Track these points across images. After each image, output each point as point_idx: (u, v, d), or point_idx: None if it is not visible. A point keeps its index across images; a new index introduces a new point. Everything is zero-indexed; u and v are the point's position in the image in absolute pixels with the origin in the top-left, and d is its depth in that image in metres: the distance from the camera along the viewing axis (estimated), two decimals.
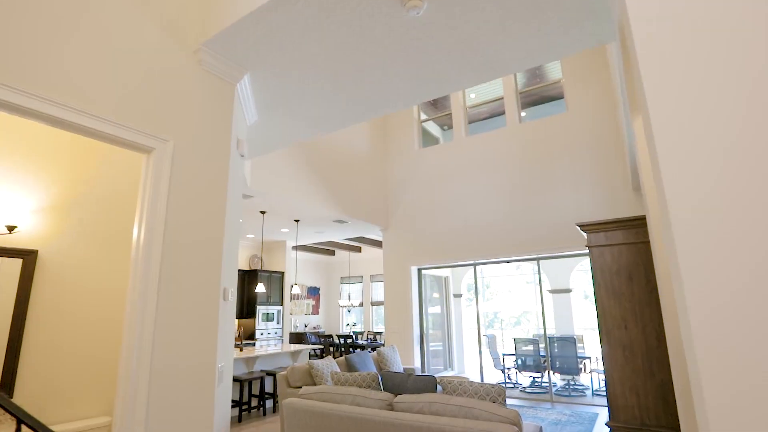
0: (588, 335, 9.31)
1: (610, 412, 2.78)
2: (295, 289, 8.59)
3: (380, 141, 8.57)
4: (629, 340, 2.72)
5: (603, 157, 6.27)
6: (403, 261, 7.90)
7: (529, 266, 10.45)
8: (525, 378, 7.88)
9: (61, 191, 3.16)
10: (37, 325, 2.94)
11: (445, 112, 8.51)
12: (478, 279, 7.55)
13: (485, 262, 7.30)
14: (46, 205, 3.08)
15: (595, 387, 6.89)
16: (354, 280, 13.07)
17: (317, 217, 7.41)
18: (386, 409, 3.08)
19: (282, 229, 8.66)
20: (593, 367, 7.09)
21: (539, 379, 7.34)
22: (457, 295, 9.76)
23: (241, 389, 5.40)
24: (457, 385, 3.03)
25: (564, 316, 9.35)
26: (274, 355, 6.36)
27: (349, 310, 13.04)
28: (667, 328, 2.28)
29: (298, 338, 11.00)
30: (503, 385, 7.30)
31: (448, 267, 7.96)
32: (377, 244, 11.04)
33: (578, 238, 6.29)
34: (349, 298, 12.66)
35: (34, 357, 2.90)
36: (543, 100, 8.29)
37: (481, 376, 7.41)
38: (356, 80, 3.05)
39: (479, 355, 7.45)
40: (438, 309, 8.92)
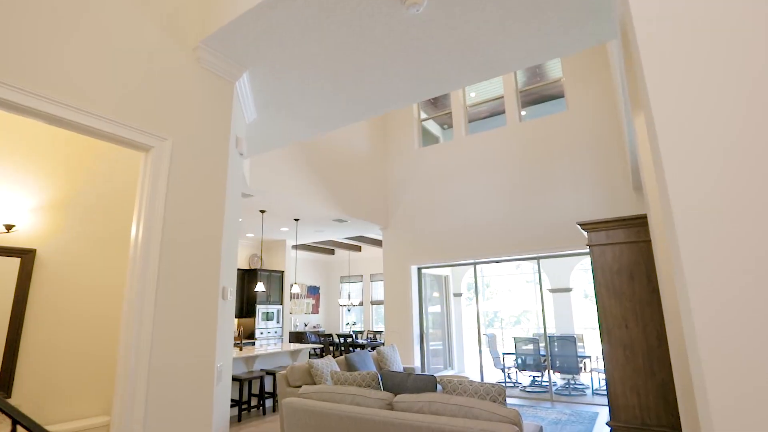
0: (588, 334, 9.30)
1: (610, 411, 2.77)
2: (295, 288, 8.58)
3: (380, 140, 8.56)
4: (630, 339, 2.71)
5: (603, 157, 6.25)
6: (403, 260, 7.89)
7: (529, 265, 10.44)
8: (525, 377, 7.88)
9: (60, 190, 3.15)
10: (35, 324, 2.93)
11: (445, 111, 8.49)
12: (478, 278, 7.54)
13: (485, 261, 7.29)
14: (44, 203, 3.07)
15: (595, 386, 6.88)
16: (354, 279, 13.06)
17: (317, 216, 7.39)
18: (386, 408, 3.07)
19: (282, 228, 8.65)
20: (593, 366, 7.08)
21: (539, 379, 7.33)
22: (457, 295, 9.76)
23: (241, 388, 5.40)
24: (457, 385, 3.03)
25: (564, 315, 9.34)
26: (274, 354, 6.35)
27: (349, 310, 13.04)
28: (669, 327, 2.27)
29: (297, 337, 10.99)
30: (503, 384, 7.30)
31: (448, 266, 7.95)
32: (377, 243, 11.03)
33: (578, 237, 6.28)
34: (349, 297, 12.65)
35: (32, 356, 2.89)
36: (543, 99, 8.27)
37: (481, 376, 7.41)
38: (356, 79, 3.03)
39: (479, 354, 7.44)
40: (438, 308, 8.91)
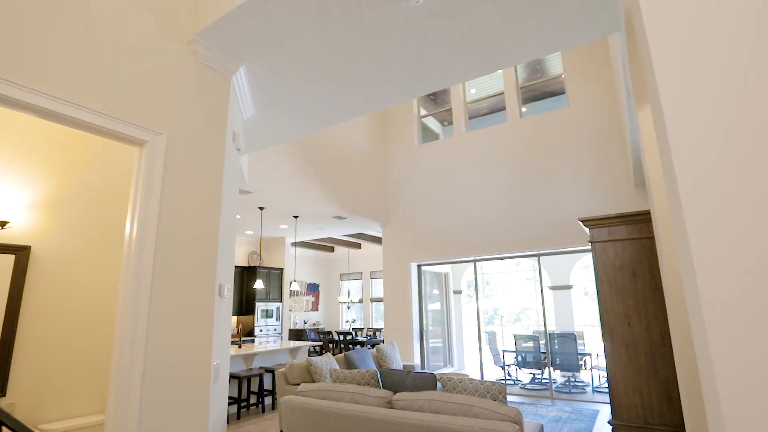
0: (588, 332, 9.29)
1: (612, 410, 2.74)
2: (294, 286, 8.55)
3: (380, 137, 8.51)
4: (632, 337, 2.67)
5: (604, 153, 6.21)
6: (403, 257, 7.85)
7: (529, 263, 10.41)
8: (525, 375, 7.85)
9: (54, 186, 3.11)
10: (30, 321, 2.89)
11: (445, 108, 8.44)
12: (478, 275, 7.51)
13: (485, 259, 7.26)
14: (38, 200, 3.03)
15: (595, 384, 6.86)
16: (353, 276, 13.04)
17: (316, 213, 7.36)
18: (385, 406, 3.04)
19: (281, 226, 8.61)
20: (593, 363, 7.06)
21: (539, 376, 7.31)
22: (457, 292, 9.73)
23: (240, 386, 5.37)
24: (457, 383, 2.99)
25: (564, 312, 9.32)
26: (273, 351, 6.32)
27: (349, 307, 13.01)
28: (672, 325, 2.23)
29: (297, 335, 10.97)
30: (503, 381, 7.28)
31: (448, 263, 7.92)
32: (377, 240, 10.99)
33: (579, 234, 6.24)
34: (349, 295, 12.63)
35: (27, 354, 2.85)
36: (544, 96, 8.21)
37: (481, 373, 7.38)
38: (355, 72, 2.99)
39: (479, 351, 7.42)
40: (438, 305, 8.88)
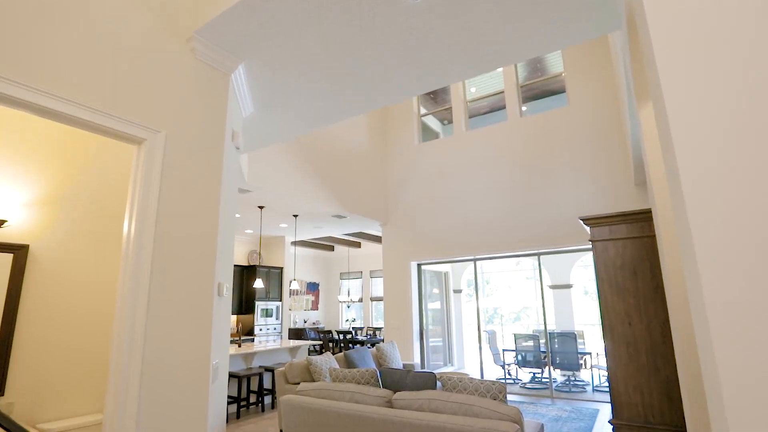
0: (588, 331, 9.28)
1: (613, 409, 2.73)
2: (294, 285, 8.54)
3: (379, 136, 8.49)
4: (633, 336, 2.66)
5: (604, 152, 6.19)
6: (403, 256, 7.84)
7: (529, 262, 10.41)
8: (525, 374, 7.85)
9: (53, 184, 3.09)
10: (28, 320, 2.88)
11: (445, 107, 8.42)
12: (478, 274, 7.50)
13: (485, 258, 7.25)
14: (37, 198, 3.02)
15: (595, 383, 6.85)
16: (353, 275, 13.03)
17: (316, 212, 7.34)
18: (385, 406, 3.03)
19: (280, 225, 8.60)
20: (594, 362, 7.05)
21: (539, 375, 7.30)
22: (457, 291, 9.72)
23: (240, 385, 5.36)
24: (457, 382, 2.98)
25: (564, 311, 9.31)
26: (273, 351, 6.31)
27: (349, 306, 13.01)
28: (674, 324, 2.22)
29: (297, 334, 10.96)
30: (503, 381, 7.27)
31: (448, 262, 7.91)
32: (377, 239, 10.98)
33: (579, 233, 6.23)
34: (349, 294, 12.62)
35: (25, 353, 2.84)
36: (544, 94, 8.20)
37: (481, 372, 7.38)
38: (355, 70, 2.97)
39: (479, 350, 7.41)
40: (438, 305, 8.87)
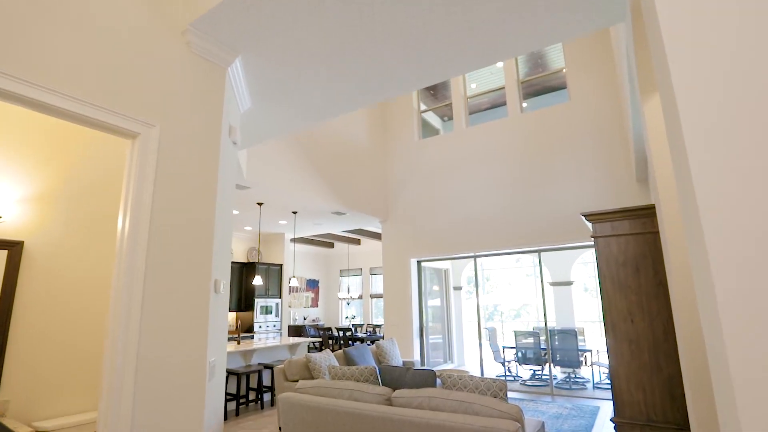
0: (588, 328, 9.26)
1: (615, 407, 2.70)
2: (294, 282, 8.51)
3: (379, 132, 8.44)
4: (636, 333, 2.63)
5: (606, 148, 6.15)
6: (403, 253, 7.81)
7: (529, 259, 10.38)
8: (525, 371, 7.83)
9: (47, 180, 3.05)
10: (23, 317, 2.85)
11: (445, 103, 8.37)
12: (478, 271, 7.47)
13: (485, 255, 7.21)
14: (31, 194, 2.98)
15: (595, 380, 6.84)
16: (353, 272, 13.00)
17: (315, 208, 7.30)
18: (384, 404, 3.00)
19: (280, 221, 8.56)
20: (594, 359, 7.03)
21: (539, 372, 7.29)
22: (457, 288, 9.69)
23: (239, 382, 5.34)
24: (457, 380, 2.95)
25: (564, 308, 9.29)
26: (272, 348, 6.29)
27: (349, 303, 12.99)
28: (677, 322, 2.18)
29: (297, 331, 10.95)
30: (503, 378, 7.26)
31: (448, 259, 7.87)
32: (376, 236, 10.95)
33: (579, 230, 6.20)
34: (349, 291, 12.61)
35: (21, 350, 2.81)
36: (545, 90, 8.14)
37: (481, 369, 7.36)
38: (353, 63, 2.92)
39: (479, 347, 7.39)
40: (438, 302, 8.85)
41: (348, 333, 9.90)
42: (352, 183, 7.38)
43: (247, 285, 9.61)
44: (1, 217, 2.86)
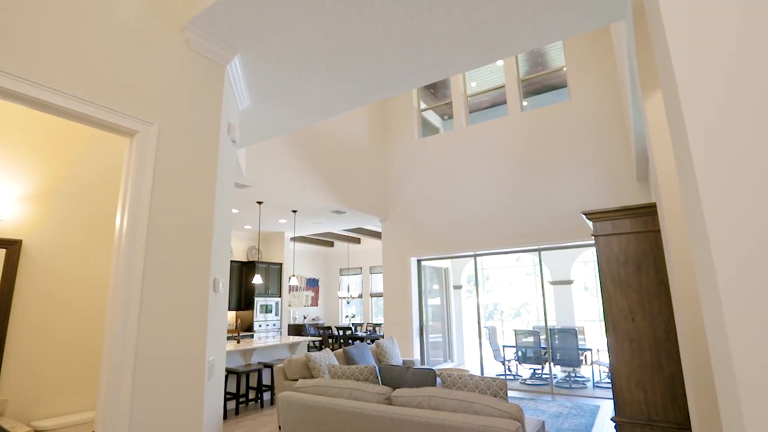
0: (589, 327, 9.26)
1: (615, 406, 2.69)
2: (294, 281, 8.50)
3: (379, 131, 8.43)
4: (637, 333, 2.62)
5: (606, 147, 6.14)
6: (403, 252, 7.80)
7: (529, 258, 10.37)
8: (525, 370, 7.83)
9: (45, 179, 3.04)
10: (22, 316, 2.84)
11: (445, 101, 8.35)
12: (478, 270, 7.46)
13: (486, 254, 7.20)
14: (29, 193, 2.97)
15: (596, 379, 6.83)
16: (353, 271, 12.99)
17: (315, 207, 7.29)
18: (384, 403, 2.99)
19: (280, 220, 8.55)
20: (594, 358, 7.03)
21: (540, 371, 7.28)
22: (457, 287, 9.69)
23: (239, 381, 5.33)
24: (457, 379, 2.94)
25: (565, 307, 9.29)
26: (272, 347, 6.28)
27: (349, 302, 12.98)
28: (678, 321, 2.18)
29: (297, 330, 10.94)
30: (503, 377, 7.25)
31: (448, 258, 7.87)
32: (376, 235, 10.94)
33: (580, 228, 6.19)
34: (349, 290, 12.60)
35: (20, 349, 2.80)
36: (545, 89, 8.13)
37: (481, 368, 7.35)
38: (353, 61, 2.91)
39: (479, 346, 7.38)
40: (438, 300, 8.84)
41: (348, 332, 9.90)
42: (352, 182, 7.37)
43: (246, 284, 9.60)
44: None
